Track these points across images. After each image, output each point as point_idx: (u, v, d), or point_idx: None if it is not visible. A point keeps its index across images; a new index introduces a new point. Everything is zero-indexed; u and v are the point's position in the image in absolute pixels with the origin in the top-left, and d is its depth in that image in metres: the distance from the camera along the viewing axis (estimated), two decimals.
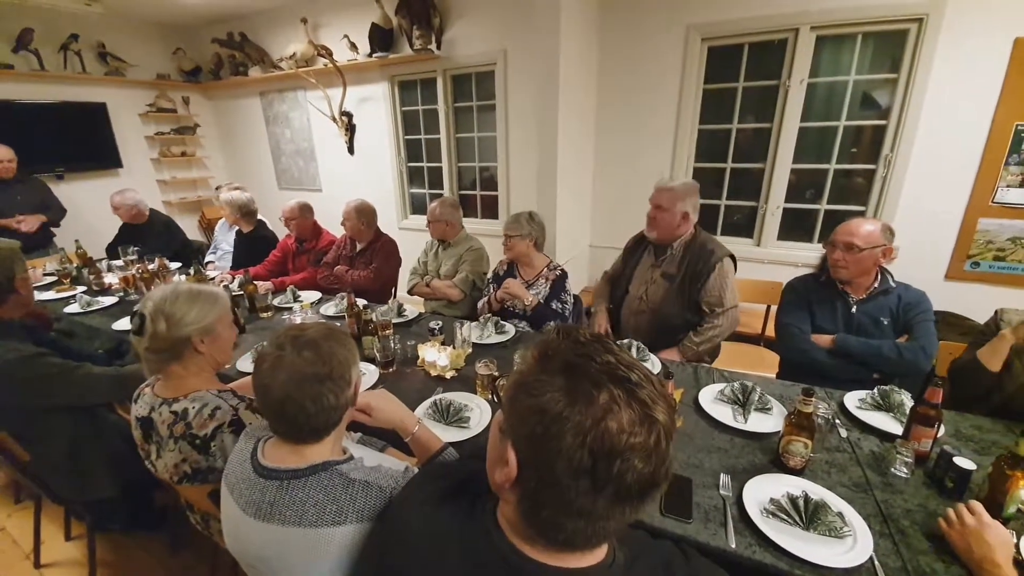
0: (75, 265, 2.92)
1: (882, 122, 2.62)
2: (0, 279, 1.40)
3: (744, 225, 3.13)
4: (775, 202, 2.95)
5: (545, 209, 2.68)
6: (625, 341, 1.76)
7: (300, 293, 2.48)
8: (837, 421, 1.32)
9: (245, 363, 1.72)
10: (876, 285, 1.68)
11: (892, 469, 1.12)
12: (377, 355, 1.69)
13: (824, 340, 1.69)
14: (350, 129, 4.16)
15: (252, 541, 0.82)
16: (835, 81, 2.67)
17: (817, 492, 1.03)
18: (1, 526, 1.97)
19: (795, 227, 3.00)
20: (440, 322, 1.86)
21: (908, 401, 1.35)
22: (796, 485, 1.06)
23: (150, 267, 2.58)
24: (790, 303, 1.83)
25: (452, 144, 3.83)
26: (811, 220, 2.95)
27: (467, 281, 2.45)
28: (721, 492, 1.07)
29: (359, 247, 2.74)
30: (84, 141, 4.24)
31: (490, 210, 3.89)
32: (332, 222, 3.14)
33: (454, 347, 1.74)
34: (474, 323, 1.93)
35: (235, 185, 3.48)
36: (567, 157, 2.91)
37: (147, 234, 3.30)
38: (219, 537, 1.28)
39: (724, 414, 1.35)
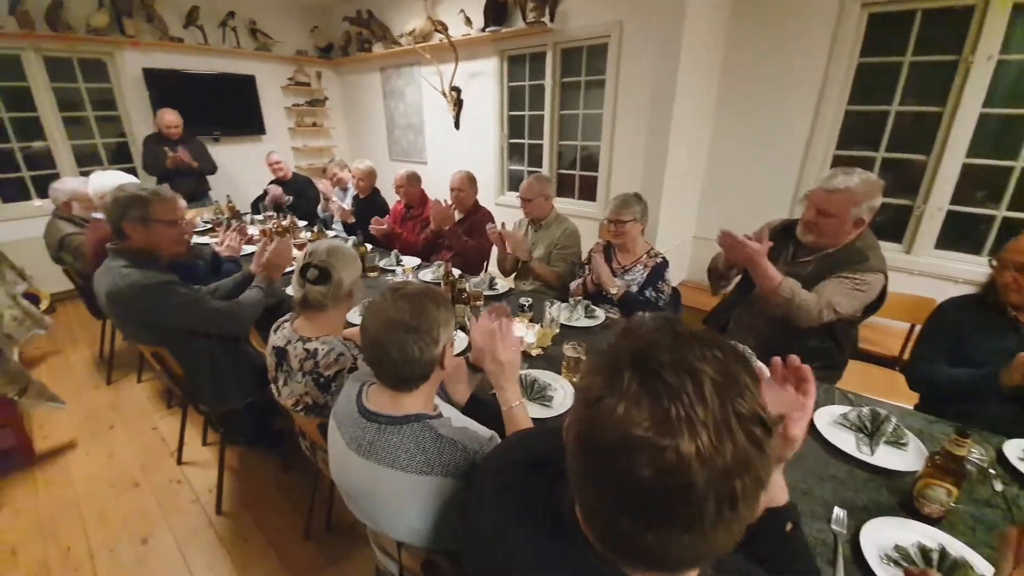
0: (226, 216, 3.41)
1: None
2: (115, 217, 1.58)
3: (890, 227, 2.67)
4: (937, 203, 2.47)
5: (650, 193, 2.50)
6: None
7: (403, 258, 2.64)
8: (992, 471, 1.10)
9: (353, 315, 1.89)
10: None
11: None
12: (468, 323, 1.73)
13: None
14: (458, 104, 4.26)
15: (352, 473, 0.90)
16: None
17: (957, 549, 0.88)
18: (155, 426, 2.41)
19: (959, 235, 2.50)
20: (530, 299, 1.87)
21: None
22: (931, 536, 0.91)
23: (283, 223, 2.92)
24: (932, 329, 1.54)
25: (556, 121, 3.76)
26: (983, 228, 2.43)
27: (568, 270, 2.40)
28: (833, 527, 0.95)
29: (457, 217, 2.83)
30: (236, 109, 4.83)
31: (587, 192, 3.78)
32: (435, 193, 3.28)
33: (542, 326, 1.74)
34: (564, 304, 1.90)
35: (343, 161, 3.80)
36: (680, 138, 2.70)
37: (288, 192, 3.74)
38: (322, 465, 1.43)
39: (845, 441, 1.18)
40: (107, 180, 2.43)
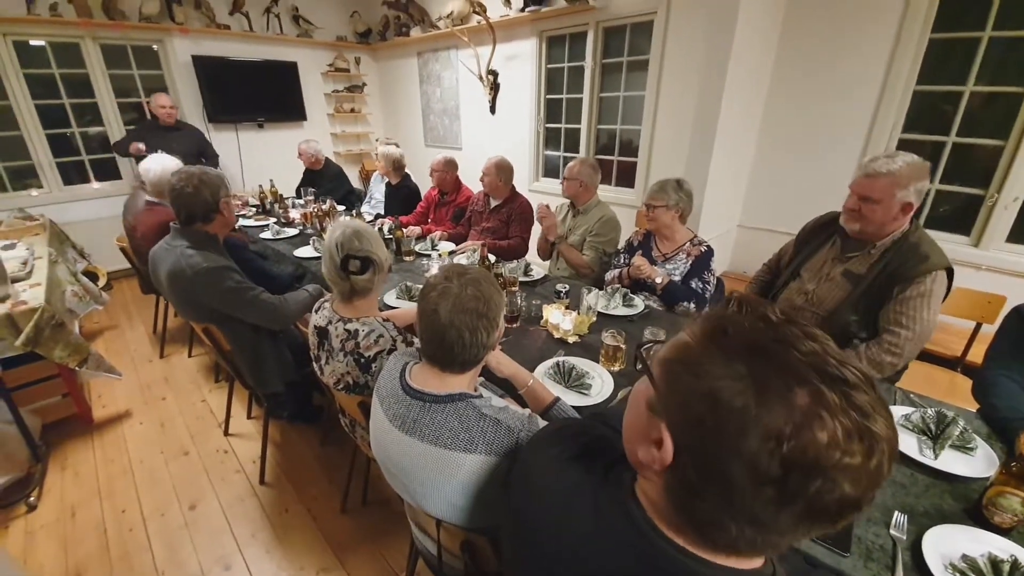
0: (269, 200, 3.51)
1: None
2: (209, 199, 1.68)
3: (954, 218, 2.49)
4: (1013, 192, 2.27)
5: (695, 179, 2.40)
6: None
7: (438, 243, 2.66)
8: None
9: (390, 298, 1.91)
10: None
11: None
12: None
13: None
14: (494, 88, 4.21)
15: (394, 449, 0.91)
16: None
17: None
18: (203, 398, 2.53)
19: None
20: (567, 286, 1.84)
21: None
22: (1002, 547, 0.86)
23: (323, 207, 2.99)
24: (1008, 339, 1.32)
25: (595, 104, 3.66)
26: None
27: (597, 260, 2.35)
28: (892, 532, 0.90)
29: (493, 204, 2.81)
30: (279, 95, 4.92)
31: (626, 178, 3.68)
32: (470, 180, 3.27)
33: (579, 313, 1.71)
34: (601, 291, 1.86)
35: (389, 140, 3.81)
36: (729, 120, 2.57)
37: (322, 179, 3.83)
38: (361, 441, 1.47)
39: (907, 444, 1.11)
40: (162, 164, 2.47)
